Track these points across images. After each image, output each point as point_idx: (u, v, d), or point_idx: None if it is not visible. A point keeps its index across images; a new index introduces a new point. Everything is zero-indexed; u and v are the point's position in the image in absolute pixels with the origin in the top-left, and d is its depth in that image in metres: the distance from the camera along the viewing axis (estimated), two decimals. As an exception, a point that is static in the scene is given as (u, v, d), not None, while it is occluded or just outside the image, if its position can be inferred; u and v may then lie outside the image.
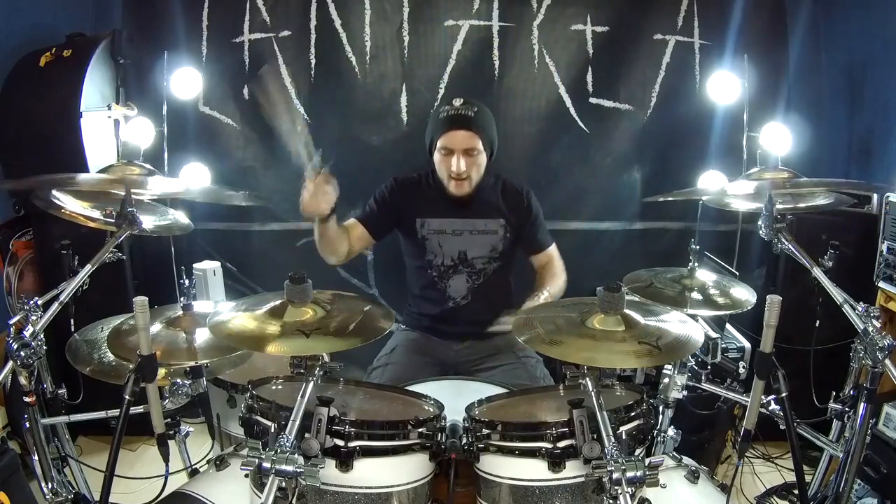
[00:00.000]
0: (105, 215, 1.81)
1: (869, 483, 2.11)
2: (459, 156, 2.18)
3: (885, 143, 2.74)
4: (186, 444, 1.87)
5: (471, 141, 2.17)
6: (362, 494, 1.38)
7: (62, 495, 1.78)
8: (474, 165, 2.21)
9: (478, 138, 2.18)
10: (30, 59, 2.54)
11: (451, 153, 2.19)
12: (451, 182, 2.23)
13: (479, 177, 2.26)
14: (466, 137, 2.16)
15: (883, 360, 1.47)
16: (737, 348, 2.42)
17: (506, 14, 2.91)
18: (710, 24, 2.95)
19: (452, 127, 2.17)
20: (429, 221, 2.32)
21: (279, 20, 2.90)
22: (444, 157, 2.21)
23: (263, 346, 1.40)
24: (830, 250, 1.78)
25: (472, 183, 2.24)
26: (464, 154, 2.18)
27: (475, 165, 2.21)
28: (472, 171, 2.21)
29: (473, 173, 2.22)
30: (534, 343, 1.50)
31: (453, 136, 2.17)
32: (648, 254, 3.06)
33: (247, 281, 3.08)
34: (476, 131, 2.17)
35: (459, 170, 2.18)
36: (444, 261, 2.32)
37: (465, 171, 2.19)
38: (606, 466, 1.26)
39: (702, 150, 2.98)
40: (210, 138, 2.96)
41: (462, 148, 2.17)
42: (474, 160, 2.20)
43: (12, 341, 1.49)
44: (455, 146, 2.17)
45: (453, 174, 2.20)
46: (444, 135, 2.18)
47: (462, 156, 2.18)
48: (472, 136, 2.17)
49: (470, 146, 2.17)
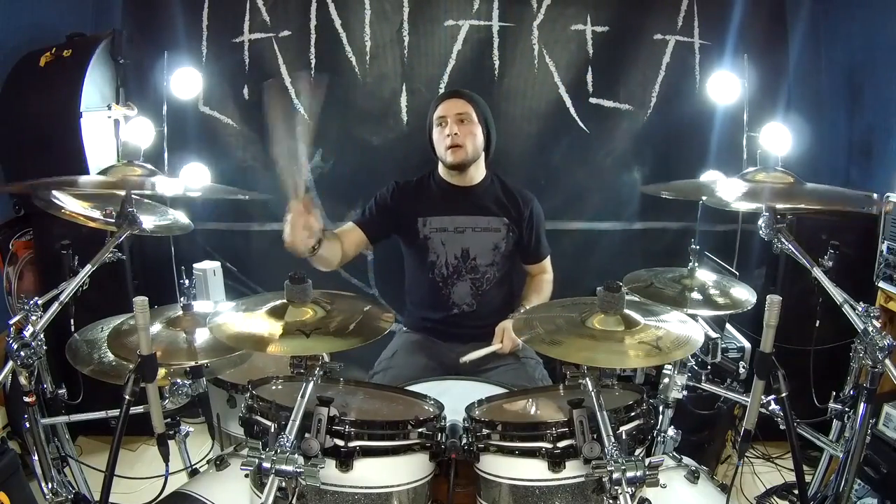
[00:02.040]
0: (105, 215, 1.82)
1: (869, 483, 2.11)
2: (452, 121, 2.26)
3: (885, 143, 2.74)
4: (186, 444, 1.87)
5: (463, 107, 2.29)
6: (362, 494, 1.38)
7: (62, 495, 1.78)
8: (468, 135, 2.28)
9: (470, 107, 2.30)
10: (30, 59, 2.54)
11: (445, 121, 2.28)
12: (447, 153, 2.28)
13: (475, 151, 2.31)
14: (459, 104, 2.30)
15: (883, 360, 1.47)
16: (737, 348, 2.42)
17: (506, 14, 2.91)
18: (710, 24, 2.95)
19: (447, 97, 2.36)
20: (430, 220, 2.33)
21: (279, 20, 2.90)
22: (440, 128, 2.31)
23: (263, 346, 1.40)
24: (830, 250, 1.78)
25: (466, 153, 2.28)
26: (457, 121, 2.27)
27: (469, 135, 2.28)
28: (467, 140, 2.28)
29: (468, 143, 2.28)
30: (534, 343, 1.50)
31: (447, 104, 2.32)
32: (648, 254, 3.06)
33: (247, 281, 3.08)
34: (468, 100, 2.32)
35: (452, 133, 2.25)
36: (448, 259, 2.32)
37: (459, 138, 2.26)
38: (606, 466, 1.26)
39: (702, 151, 2.98)
40: (210, 138, 2.96)
41: (455, 113, 2.28)
42: (468, 129, 2.28)
43: (12, 341, 1.49)
44: (448, 112, 2.29)
45: (447, 140, 2.27)
46: (439, 105, 2.33)
47: (455, 122, 2.26)
48: (465, 104, 2.30)
49: (462, 111, 2.28)
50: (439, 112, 2.31)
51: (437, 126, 2.32)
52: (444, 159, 2.31)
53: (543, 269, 2.51)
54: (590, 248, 3.10)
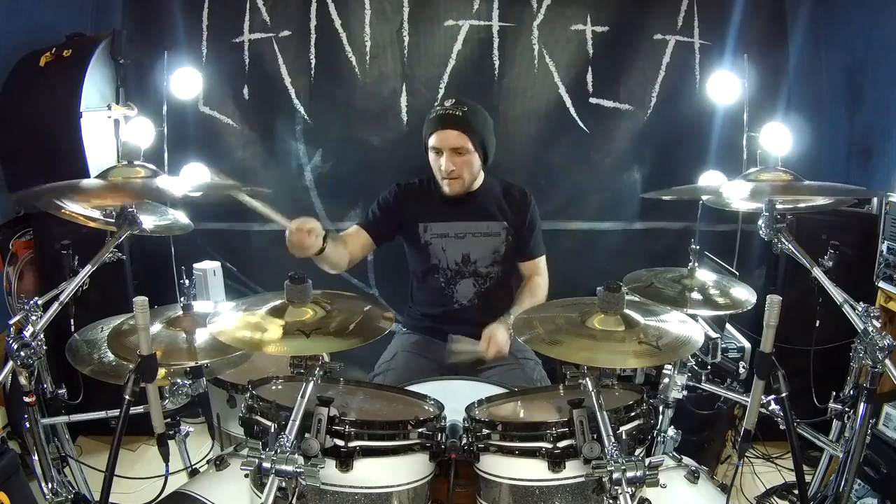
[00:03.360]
0: (105, 215, 1.81)
1: (869, 483, 2.11)
2: (448, 155, 2.18)
3: (885, 143, 2.74)
4: (186, 444, 1.87)
5: (458, 140, 2.17)
6: (362, 494, 1.38)
7: (62, 495, 1.78)
8: (465, 165, 2.21)
9: (466, 137, 2.17)
10: (30, 59, 2.54)
11: (441, 152, 2.20)
12: (444, 183, 2.25)
13: (473, 177, 2.27)
14: (454, 136, 2.17)
15: (883, 360, 1.47)
16: (737, 348, 2.41)
17: (506, 14, 2.91)
18: (710, 24, 2.95)
19: (441, 126, 2.18)
20: (431, 226, 2.32)
21: (279, 20, 2.90)
22: (435, 156, 2.23)
23: (263, 346, 1.40)
24: (830, 250, 1.78)
25: (464, 183, 2.25)
26: (453, 153, 2.18)
27: (466, 165, 2.21)
28: (464, 170, 2.22)
29: (465, 173, 2.23)
30: (534, 343, 1.50)
31: (441, 135, 2.18)
32: (648, 254, 3.06)
33: (247, 281, 3.08)
34: (464, 130, 2.17)
35: (448, 169, 2.19)
36: (449, 264, 2.33)
37: (455, 171, 2.20)
38: (606, 466, 1.26)
39: (702, 150, 2.98)
40: (210, 138, 2.96)
41: (450, 147, 2.18)
42: (465, 160, 2.20)
43: (12, 341, 1.49)
44: (443, 145, 2.18)
45: (443, 174, 2.22)
46: (434, 134, 2.20)
47: (451, 155, 2.18)
48: (460, 136, 2.17)
49: (458, 145, 2.17)
50: (433, 142, 2.20)
51: (433, 153, 2.24)
52: (441, 187, 2.27)
53: (537, 268, 2.44)
54: (590, 248, 3.10)
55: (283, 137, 2.98)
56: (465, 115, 2.18)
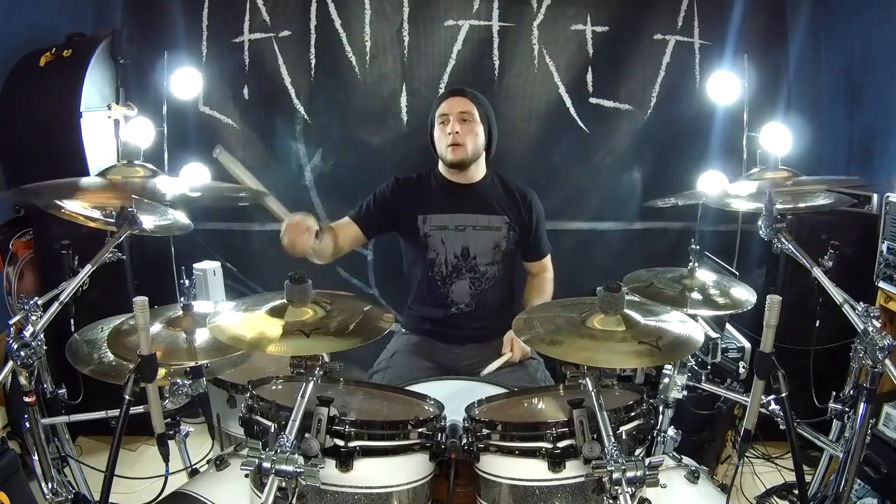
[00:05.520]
0: (105, 215, 1.81)
1: (869, 483, 2.11)
2: (455, 120, 2.26)
3: (885, 143, 2.74)
4: (186, 444, 1.88)
5: (465, 105, 2.29)
6: (362, 494, 1.38)
7: (62, 495, 1.78)
8: (470, 133, 2.28)
9: (473, 106, 2.30)
10: (30, 59, 2.54)
11: (448, 119, 2.27)
12: (447, 150, 2.29)
13: (476, 150, 2.31)
14: (462, 102, 2.30)
15: (883, 360, 1.47)
16: (737, 348, 2.42)
17: (506, 14, 2.91)
18: (710, 24, 2.95)
19: (449, 95, 2.35)
20: (431, 217, 2.33)
21: (279, 20, 2.90)
22: (441, 126, 2.31)
23: (263, 346, 1.40)
24: (830, 250, 1.78)
25: (467, 152, 2.28)
26: (459, 119, 2.27)
27: (471, 133, 2.28)
28: (468, 138, 2.28)
29: (469, 141, 2.28)
30: (534, 343, 1.50)
31: (450, 101, 2.31)
32: (648, 254, 3.06)
33: (247, 281, 3.08)
34: (471, 99, 2.31)
35: (454, 130, 2.25)
36: (448, 258, 2.32)
37: (461, 136, 2.26)
38: (606, 466, 1.26)
39: (702, 150, 2.98)
40: (210, 138, 2.96)
41: (457, 111, 2.27)
42: (469, 127, 2.28)
43: (12, 341, 1.48)
44: (450, 110, 2.29)
45: (448, 138, 2.27)
46: (443, 103, 2.33)
47: (457, 120, 2.27)
48: (467, 102, 2.30)
49: (464, 109, 2.28)
50: (442, 109, 2.31)
51: (439, 123, 2.32)
52: (445, 157, 2.31)
53: (544, 267, 2.50)
54: (590, 248, 3.10)
55: (283, 137, 2.98)
56: (472, 93, 2.35)
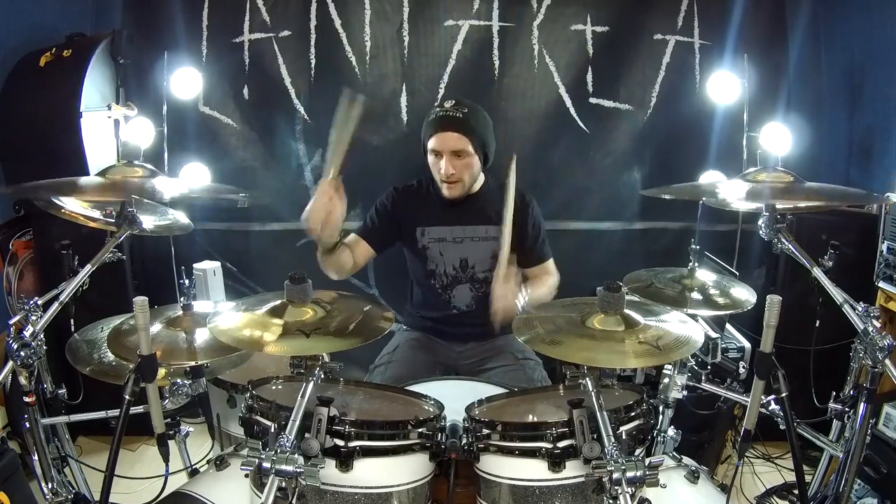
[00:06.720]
0: (105, 215, 1.81)
1: (869, 483, 2.11)
2: (448, 158, 2.14)
3: (885, 143, 2.74)
4: (186, 444, 1.87)
5: (459, 142, 2.13)
6: (362, 494, 1.38)
7: (62, 495, 1.78)
8: (465, 168, 2.17)
9: (467, 140, 2.13)
10: (30, 59, 2.54)
11: (441, 155, 2.16)
12: (444, 186, 2.21)
13: (473, 179, 2.23)
14: (454, 139, 2.12)
15: (883, 360, 1.47)
16: (737, 348, 2.42)
17: (506, 14, 2.91)
18: (710, 24, 2.95)
19: (440, 128, 2.14)
20: (429, 230, 2.30)
21: (279, 20, 2.90)
22: (434, 159, 2.19)
23: (263, 346, 1.40)
24: (830, 250, 1.77)
25: (464, 186, 2.21)
26: (453, 156, 2.14)
27: (466, 168, 2.17)
28: (464, 173, 2.18)
29: (465, 176, 2.19)
30: (534, 343, 1.50)
31: (441, 137, 2.14)
32: (648, 254, 3.06)
33: (247, 281, 3.08)
34: (465, 133, 2.13)
35: (448, 172, 2.15)
36: (446, 269, 2.31)
37: (455, 174, 2.16)
38: (606, 466, 1.26)
39: (702, 151, 2.98)
40: (210, 138, 2.96)
41: (450, 149, 2.14)
42: (465, 163, 2.16)
43: (12, 341, 1.49)
44: (443, 148, 2.14)
45: (442, 177, 2.18)
46: (433, 136, 2.16)
47: (451, 158, 2.14)
48: (461, 138, 2.12)
49: (458, 148, 2.13)
50: (433, 144, 2.16)
51: (432, 155, 2.19)
52: (441, 191, 2.23)
53: (546, 271, 2.37)
54: (590, 248, 3.10)
55: (283, 137, 2.98)
56: (466, 117, 2.14)
